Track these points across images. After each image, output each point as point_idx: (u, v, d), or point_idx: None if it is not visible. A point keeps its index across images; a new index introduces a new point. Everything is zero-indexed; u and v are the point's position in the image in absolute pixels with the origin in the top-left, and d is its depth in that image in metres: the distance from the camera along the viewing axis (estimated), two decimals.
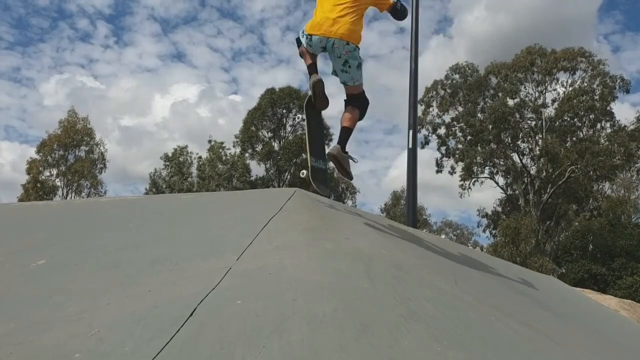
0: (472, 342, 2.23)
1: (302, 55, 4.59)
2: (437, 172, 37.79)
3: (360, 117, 4.53)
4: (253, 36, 70.05)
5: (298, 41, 4.62)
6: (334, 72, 4.52)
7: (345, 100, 4.53)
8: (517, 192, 36.26)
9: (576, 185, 34.15)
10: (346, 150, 4.35)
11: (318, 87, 4.44)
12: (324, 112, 5.06)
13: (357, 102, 4.49)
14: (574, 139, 35.03)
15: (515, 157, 36.37)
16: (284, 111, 36.40)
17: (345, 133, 4.38)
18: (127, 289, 2.54)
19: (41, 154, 37.93)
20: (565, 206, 34.92)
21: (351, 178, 4.59)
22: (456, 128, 36.86)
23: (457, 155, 36.53)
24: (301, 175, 4.47)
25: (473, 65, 36.85)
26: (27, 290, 2.70)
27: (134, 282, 2.64)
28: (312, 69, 4.50)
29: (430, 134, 37.33)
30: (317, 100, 4.47)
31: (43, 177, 37.64)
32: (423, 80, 40.94)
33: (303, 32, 4.46)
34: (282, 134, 36.59)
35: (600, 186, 36.80)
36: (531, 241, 31.26)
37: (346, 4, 4.40)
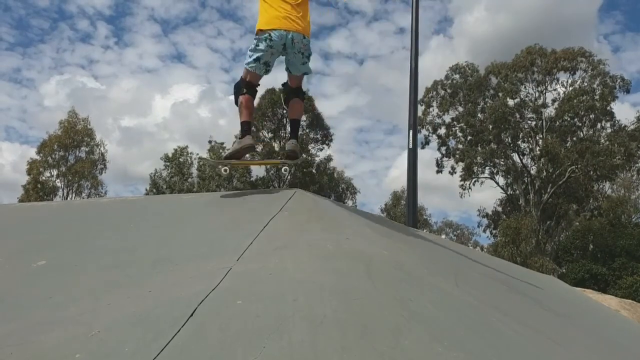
0: (473, 343, 2.22)
1: (241, 105, 4.44)
2: (438, 172, 37.85)
3: None
4: (253, 37, 69.92)
5: (237, 87, 4.46)
6: (288, 69, 4.55)
7: (290, 90, 4.65)
8: (517, 192, 36.26)
9: (576, 185, 34.15)
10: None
11: (248, 151, 4.49)
12: (323, 112, 5.19)
13: (300, 94, 4.67)
14: (574, 138, 35.03)
15: (515, 157, 36.42)
16: (284, 112, 36.40)
17: (297, 125, 4.70)
18: (127, 290, 2.54)
19: (41, 155, 37.93)
20: (565, 206, 34.91)
21: (301, 155, 4.76)
22: (456, 128, 36.89)
23: (457, 156, 36.54)
24: (284, 170, 4.47)
25: (473, 65, 36.88)
26: (27, 291, 2.70)
27: (134, 283, 2.64)
28: (248, 128, 4.48)
29: (430, 134, 37.38)
30: (238, 157, 4.50)
31: (43, 177, 37.64)
32: (423, 80, 40.98)
33: (255, 46, 4.35)
34: (282, 134, 36.58)
35: (601, 186, 36.81)
36: (531, 241, 31.26)
37: None
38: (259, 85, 4.54)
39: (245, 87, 4.45)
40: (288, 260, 2.70)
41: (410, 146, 9.62)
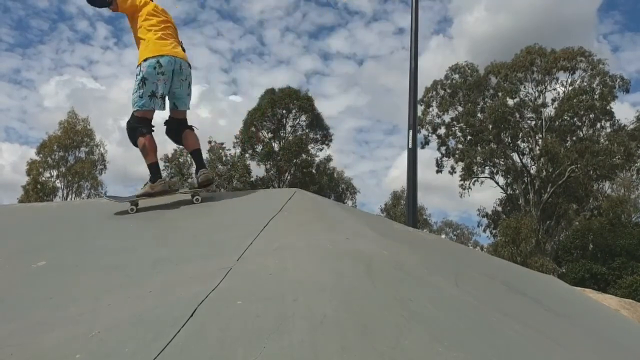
0: (473, 343, 2.22)
1: (144, 148, 4.23)
2: (437, 172, 37.81)
3: None
4: (252, 37, 69.92)
5: (132, 128, 4.25)
6: (175, 104, 4.35)
7: (177, 123, 4.46)
8: (517, 191, 36.24)
9: (576, 185, 34.13)
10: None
11: (162, 195, 4.32)
12: (324, 113, 5.07)
13: (187, 125, 4.49)
14: (574, 138, 35.01)
15: (515, 156, 36.38)
16: (284, 112, 36.36)
17: (200, 154, 4.50)
18: (127, 290, 2.54)
19: (41, 155, 37.90)
20: (565, 206, 34.89)
21: (214, 180, 4.58)
22: (456, 128, 36.85)
23: (457, 155, 36.52)
24: (195, 200, 4.24)
25: (473, 65, 36.85)
26: (27, 292, 2.70)
27: (134, 283, 2.64)
28: (158, 170, 4.33)
29: (430, 134, 37.34)
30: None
31: (43, 178, 37.60)
32: (423, 80, 40.99)
33: (142, 82, 4.13)
34: (282, 134, 36.57)
35: (600, 185, 36.79)
36: (531, 241, 31.23)
37: (170, 24, 4.39)
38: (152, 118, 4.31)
39: (142, 127, 4.23)
40: (288, 260, 2.70)
41: (410, 146, 9.61)
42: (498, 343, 2.37)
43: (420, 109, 34.82)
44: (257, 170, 36.61)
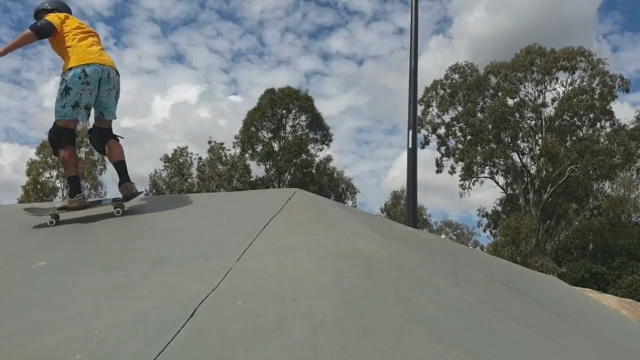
0: (473, 343, 2.22)
1: (64, 160, 4.18)
2: (437, 172, 37.78)
3: None
4: (252, 37, 69.80)
5: (54, 139, 4.18)
6: (102, 113, 4.26)
7: (102, 133, 4.34)
8: (517, 191, 36.24)
9: (576, 185, 34.12)
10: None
11: (81, 209, 4.25)
12: (324, 113, 5.03)
13: (112, 135, 4.38)
14: (574, 138, 35.00)
15: (515, 156, 36.37)
16: (284, 112, 36.38)
17: (124, 167, 4.34)
18: (127, 290, 2.54)
19: (41, 156, 37.92)
20: (565, 205, 34.89)
21: (138, 192, 4.39)
22: (456, 128, 36.85)
23: (457, 155, 36.51)
24: (116, 213, 4.13)
25: (473, 65, 36.84)
26: (27, 292, 2.70)
27: (134, 283, 2.64)
28: (78, 185, 4.29)
29: (430, 134, 37.32)
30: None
31: (43, 178, 37.63)
32: (423, 80, 41.00)
33: (65, 91, 4.05)
34: (282, 134, 36.57)
35: (600, 185, 36.79)
36: (531, 241, 31.23)
37: (93, 33, 4.38)
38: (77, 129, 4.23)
39: (64, 139, 4.16)
40: (288, 260, 2.70)
41: (410, 146, 9.61)
42: (498, 343, 2.37)
43: (420, 109, 34.83)
44: (257, 170, 36.61)
